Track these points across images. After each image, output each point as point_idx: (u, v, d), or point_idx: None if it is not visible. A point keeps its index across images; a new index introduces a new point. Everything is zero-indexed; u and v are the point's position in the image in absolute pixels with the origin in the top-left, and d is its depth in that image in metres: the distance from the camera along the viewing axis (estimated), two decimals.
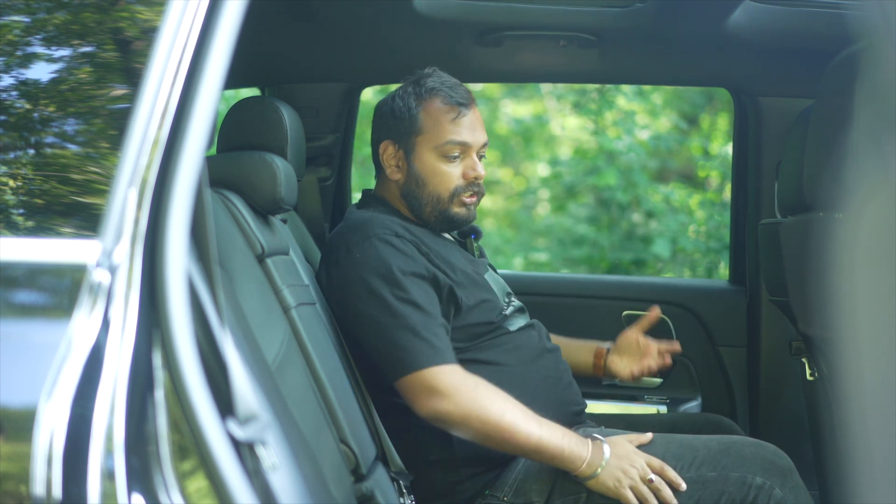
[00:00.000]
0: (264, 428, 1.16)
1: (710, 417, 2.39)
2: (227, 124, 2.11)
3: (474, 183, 2.14)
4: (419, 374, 1.93)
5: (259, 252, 1.85)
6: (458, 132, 2.13)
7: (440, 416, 1.93)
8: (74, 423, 1.08)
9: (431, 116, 2.14)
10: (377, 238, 2.02)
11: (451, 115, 2.13)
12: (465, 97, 2.15)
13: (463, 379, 1.95)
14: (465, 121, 2.14)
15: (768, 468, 1.89)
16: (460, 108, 2.13)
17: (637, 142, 6.83)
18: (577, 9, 2.44)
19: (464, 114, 2.14)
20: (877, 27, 0.84)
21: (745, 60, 2.63)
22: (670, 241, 6.54)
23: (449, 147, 2.12)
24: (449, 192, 2.14)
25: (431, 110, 2.14)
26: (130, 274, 1.13)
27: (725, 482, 1.88)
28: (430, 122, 2.13)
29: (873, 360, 0.80)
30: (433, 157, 2.14)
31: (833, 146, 1.81)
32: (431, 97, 2.15)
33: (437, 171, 2.13)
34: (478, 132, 2.15)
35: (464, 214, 2.15)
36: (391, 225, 2.06)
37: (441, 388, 1.93)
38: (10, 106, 1.26)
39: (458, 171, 2.14)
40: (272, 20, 2.44)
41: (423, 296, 2.00)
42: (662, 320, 2.96)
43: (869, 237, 0.80)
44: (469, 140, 2.13)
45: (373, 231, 2.04)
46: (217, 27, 1.19)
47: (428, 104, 2.14)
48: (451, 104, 2.13)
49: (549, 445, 1.92)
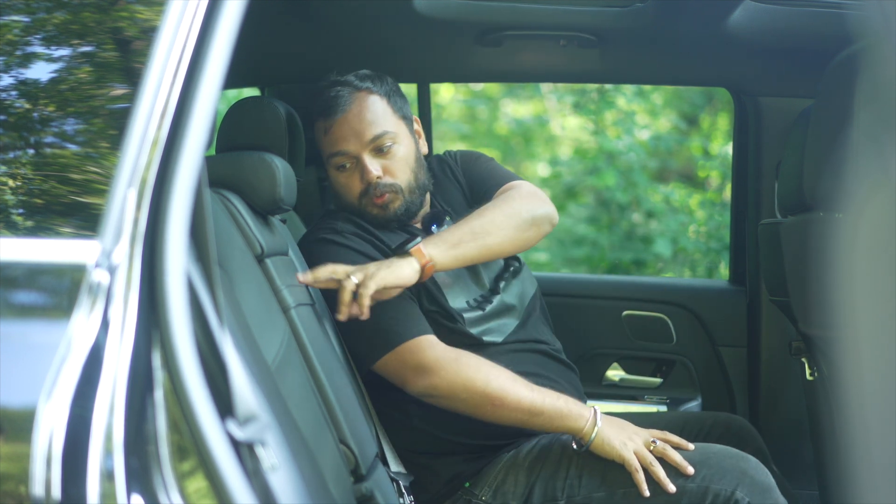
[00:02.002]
0: (264, 428, 1.16)
1: (720, 417, 2.32)
2: (226, 124, 2.11)
3: (373, 185, 2.09)
4: (398, 351, 1.94)
5: (258, 252, 1.85)
6: (332, 144, 2.12)
7: (429, 392, 1.94)
8: (74, 423, 1.08)
9: (317, 135, 2.16)
10: (319, 241, 2.07)
11: (322, 130, 2.13)
12: (337, 104, 2.10)
13: (444, 350, 1.94)
14: (338, 130, 2.11)
15: (749, 483, 1.85)
16: (327, 119, 2.12)
17: (637, 142, 6.83)
18: (577, 9, 2.44)
19: (331, 123, 2.11)
20: (877, 27, 0.84)
21: (745, 60, 2.63)
22: (670, 241, 6.54)
23: (334, 160, 2.13)
24: (355, 201, 2.13)
25: (316, 129, 2.17)
26: (130, 274, 1.13)
27: (705, 494, 1.85)
28: (319, 142, 2.16)
29: (873, 360, 0.80)
30: (332, 172, 2.16)
31: (833, 146, 1.81)
32: (315, 116, 2.16)
33: (338, 183, 2.15)
34: (359, 133, 2.10)
35: (382, 215, 2.11)
36: (333, 224, 2.09)
37: (424, 362, 1.93)
38: (10, 106, 1.26)
39: (356, 179, 2.11)
40: (272, 20, 2.44)
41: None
42: (662, 320, 2.96)
43: (869, 237, 0.80)
44: (345, 148, 2.10)
45: (316, 235, 2.10)
46: (217, 27, 1.19)
47: (314, 124, 2.17)
48: (321, 118, 2.13)
49: (546, 406, 1.91)
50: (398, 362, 1.95)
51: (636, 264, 6.73)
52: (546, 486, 1.94)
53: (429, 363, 1.93)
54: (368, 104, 2.13)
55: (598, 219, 7.01)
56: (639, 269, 6.74)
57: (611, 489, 1.90)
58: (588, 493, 1.92)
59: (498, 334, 2.10)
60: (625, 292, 3.08)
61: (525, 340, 2.14)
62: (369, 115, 2.12)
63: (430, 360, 1.93)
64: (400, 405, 2.06)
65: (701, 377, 2.93)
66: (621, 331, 2.96)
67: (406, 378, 1.96)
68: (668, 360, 2.96)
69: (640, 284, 3.44)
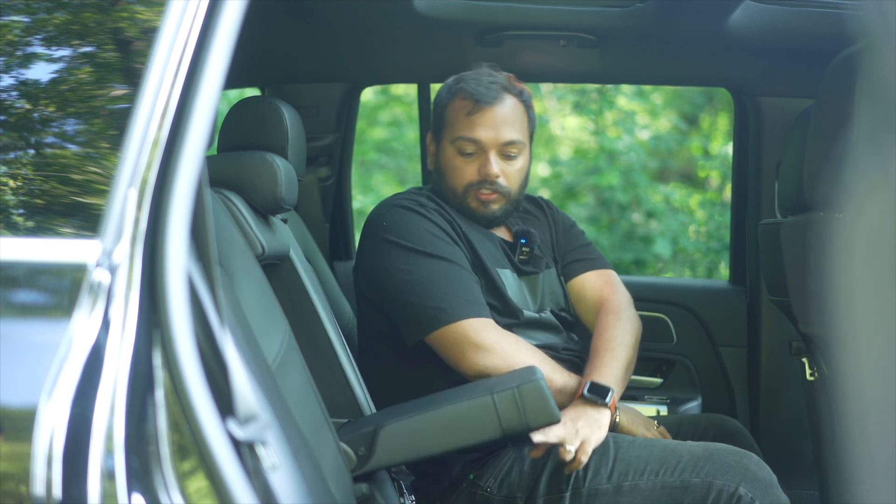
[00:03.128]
0: (264, 428, 1.16)
1: (714, 419, 2.38)
2: (227, 124, 2.11)
3: (489, 181, 2.14)
4: (457, 326, 1.98)
5: (259, 252, 1.85)
6: (470, 128, 2.13)
7: (484, 371, 1.98)
8: (74, 423, 1.08)
9: (453, 110, 2.17)
10: (401, 207, 2.11)
11: (465, 111, 2.14)
12: (490, 95, 2.13)
13: (505, 334, 2.02)
14: (480, 118, 2.13)
15: (752, 479, 1.87)
16: (478, 104, 2.13)
17: (637, 142, 6.83)
18: (577, 9, 2.44)
19: (480, 110, 2.13)
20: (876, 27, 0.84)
21: (745, 60, 2.63)
22: (671, 241, 6.54)
23: (461, 143, 2.14)
24: (462, 188, 2.16)
25: (454, 104, 2.17)
26: (130, 274, 1.13)
27: (709, 489, 1.87)
28: (451, 117, 2.17)
29: (873, 360, 0.80)
30: (451, 151, 2.16)
31: (833, 146, 1.81)
32: (458, 91, 2.17)
33: (452, 165, 2.17)
34: (499, 130, 2.13)
35: (480, 210, 2.17)
36: (417, 197, 2.14)
37: (484, 343, 1.98)
38: (10, 106, 1.26)
39: (473, 168, 2.15)
40: (272, 20, 2.44)
41: (453, 252, 2.05)
42: (662, 320, 2.97)
43: (869, 237, 0.80)
44: (481, 137, 2.13)
45: (397, 201, 2.14)
46: (217, 27, 1.19)
47: (454, 98, 2.17)
48: (470, 99, 2.14)
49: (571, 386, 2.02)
50: (459, 336, 1.99)
51: (636, 264, 6.73)
52: (551, 476, 1.95)
53: (490, 343, 1.98)
54: (514, 108, 2.18)
55: (598, 219, 7.01)
56: (639, 269, 6.74)
57: (617, 482, 1.92)
58: (594, 486, 1.92)
59: (535, 341, 2.15)
60: None
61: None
62: (511, 118, 2.17)
63: (492, 341, 1.99)
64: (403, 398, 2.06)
65: (701, 377, 2.93)
66: None
67: (464, 353, 1.99)
68: (668, 360, 2.96)
69: (640, 284, 3.44)
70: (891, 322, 0.78)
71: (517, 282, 2.19)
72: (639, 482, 1.90)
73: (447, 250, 2.05)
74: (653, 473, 1.91)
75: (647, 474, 1.91)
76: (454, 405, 1.82)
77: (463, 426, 1.81)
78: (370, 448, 1.77)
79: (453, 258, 2.04)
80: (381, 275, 2.07)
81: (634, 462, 1.93)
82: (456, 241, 2.08)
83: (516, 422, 1.79)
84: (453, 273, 2.02)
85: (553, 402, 1.81)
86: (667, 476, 1.90)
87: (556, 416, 1.82)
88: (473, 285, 2.04)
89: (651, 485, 1.90)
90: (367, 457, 1.78)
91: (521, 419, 1.79)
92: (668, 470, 1.91)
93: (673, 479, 1.90)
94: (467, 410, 1.81)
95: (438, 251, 2.04)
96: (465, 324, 1.99)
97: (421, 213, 2.09)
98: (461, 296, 2.01)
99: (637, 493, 1.90)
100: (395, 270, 2.04)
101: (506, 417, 1.78)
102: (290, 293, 2.03)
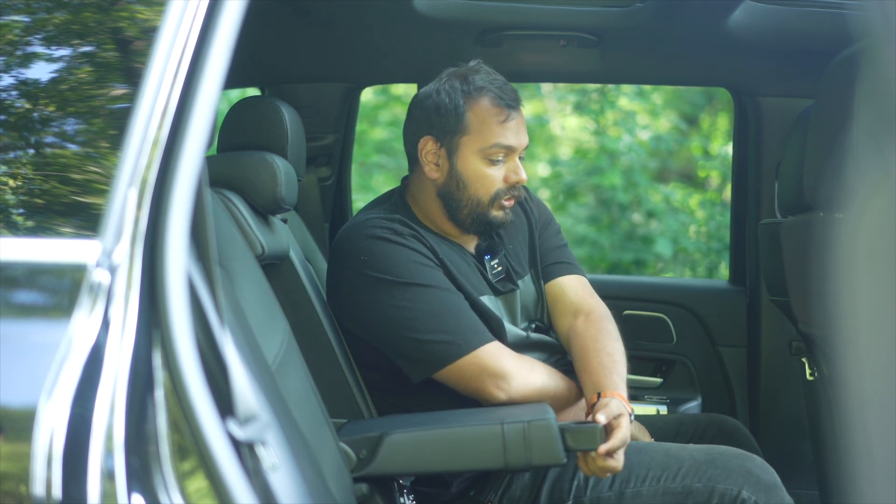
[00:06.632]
0: (264, 428, 1.16)
1: (714, 418, 2.35)
2: (227, 124, 2.11)
3: (514, 186, 2.06)
4: (472, 358, 1.93)
5: (259, 252, 1.85)
6: (504, 135, 2.02)
7: (507, 399, 1.94)
8: (74, 422, 1.08)
9: (479, 117, 2.02)
10: (376, 238, 1.98)
11: (499, 118, 2.02)
12: (514, 98, 2.05)
13: (517, 357, 1.98)
14: (512, 124, 2.04)
15: (754, 482, 1.86)
16: (509, 110, 2.03)
17: (637, 142, 6.83)
18: (577, 9, 2.44)
19: (512, 117, 2.04)
20: (877, 27, 0.84)
21: (745, 60, 2.63)
22: (671, 241, 6.55)
23: (495, 150, 2.02)
24: (490, 196, 2.04)
25: (479, 111, 2.03)
26: (130, 274, 1.13)
27: (711, 494, 1.86)
28: (476, 123, 2.02)
29: (873, 360, 0.80)
30: (477, 160, 2.03)
31: (833, 146, 1.81)
32: (480, 96, 2.03)
33: (480, 174, 2.03)
34: (522, 134, 2.06)
35: (501, 217, 2.07)
36: (390, 225, 2.01)
37: (504, 370, 1.94)
38: (10, 106, 1.26)
39: (501, 175, 2.04)
40: (272, 20, 2.44)
41: (441, 279, 1.97)
42: (662, 320, 2.97)
43: (869, 237, 0.80)
44: (514, 143, 2.03)
45: (370, 231, 1.99)
46: (217, 27, 1.19)
47: (476, 104, 2.03)
48: (500, 106, 2.03)
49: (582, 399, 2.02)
50: (475, 367, 1.92)
51: (636, 264, 6.73)
52: (553, 487, 1.94)
53: (509, 369, 1.93)
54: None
55: (598, 219, 7.01)
56: (639, 269, 6.75)
57: (619, 489, 1.91)
58: (596, 494, 1.92)
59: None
60: (625, 292, 3.08)
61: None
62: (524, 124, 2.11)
63: (511, 367, 1.94)
64: (403, 409, 2.06)
65: (701, 377, 2.93)
66: (621, 331, 2.95)
67: (483, 384, 1.93)
68: (668, 360, 2.96)
69: (640, 284, 3.44)
70: (891, 322, 0.78)
71: (495, 303, 2.10)
72: (641, 489, 1.89)
73: (436, 278, 1.96)
74: (655, 479, 1.90)
75: (649, 480, 1.90)
76: (462, 428, 1.80)
77: (467, 450, 1.79)
78: (372, 453, 1.76)
79: (445, 285, 1.96)
80: (373, 316, 1.98)
81: (636, 468, 1.91)
82: (438, 267, 1.99)
83: (521, 456, 1.76)
84: (450, 302, 1.95)
85: (560, 445, 1.78)
86: (669, 482, 1.90)
87: (562, 457, 1.78)
88: (470, 311, 1.97)
89: (653, 491, 1.89)
90: (368, 461, 1.77)
91: (525, 454, 1.76)
92: (669, 475, 1.90)
93: (675, 485, 1.89)
94: (475, 436, 1.79)
95: (429, 280, 1.95)
96: (480, 353, 1.92)
97: (399, 243, 1.97)
98: (466, 324, 1.94)
99: (639, 500, 1.89)
100: (388, 308, 1.94)
101: (511, 449, 1.76)
102: (289, 293, 2.02)
